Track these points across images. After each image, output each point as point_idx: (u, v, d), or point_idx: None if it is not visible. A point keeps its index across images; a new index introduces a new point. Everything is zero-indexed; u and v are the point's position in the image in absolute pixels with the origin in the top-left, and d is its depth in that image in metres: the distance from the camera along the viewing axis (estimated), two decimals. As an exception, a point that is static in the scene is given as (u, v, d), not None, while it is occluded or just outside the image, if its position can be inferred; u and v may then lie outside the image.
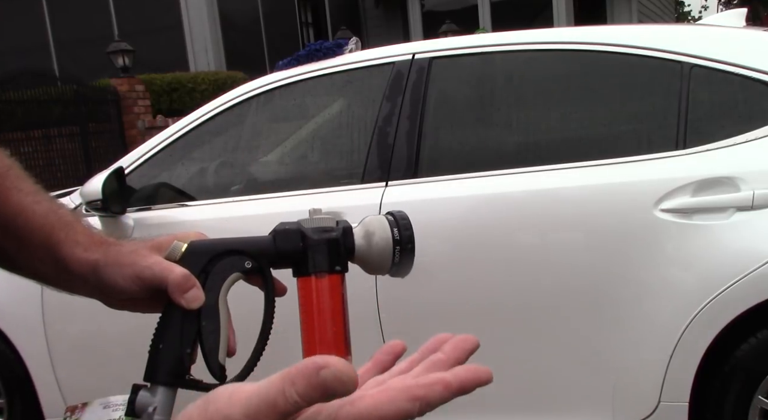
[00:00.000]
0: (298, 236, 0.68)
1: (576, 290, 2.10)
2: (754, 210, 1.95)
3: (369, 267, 0.73)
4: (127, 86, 9.77)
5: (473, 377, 0.46)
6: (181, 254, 0.67)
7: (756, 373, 2.00)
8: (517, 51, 2.37)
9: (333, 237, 0.68)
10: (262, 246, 0.68)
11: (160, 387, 0.64)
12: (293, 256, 0.68)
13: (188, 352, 0.65)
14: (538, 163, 2.18)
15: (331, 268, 0.68)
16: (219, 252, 0.67)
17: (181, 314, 0.65)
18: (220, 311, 0.67)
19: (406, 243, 0.72)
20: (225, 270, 0.67)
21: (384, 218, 0.73)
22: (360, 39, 2.74)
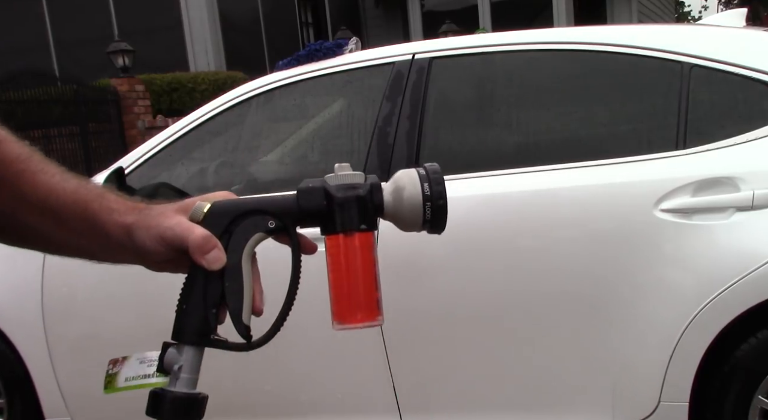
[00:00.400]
0: (321, 194, 0.67)
1: (576, 290, 2.10)
2: (754, 210, 1.95)
3: (401, 224, 0.71)
4: (127, 86, 9.77)
5: None
6: (204, 215, 0.68)
7: (756, 373, 2.00)
8: (517, 51, 2.37)
9: (359, 194, 0.67)
10: (285, 205, 0.68)
11: (186, 346, 0.65)
12: (318, 215, 0.68)
13: (213, 313, 0.66)
14: (538, 163, 2.18)
15: (358, 226, 0.67)
16: (241, 212, 0.67)
17: (204, 275, 0.65)
18: (243, 272, 0.67)
19: (437, 199, 0.69)
20: (248, 230, 0.67)
21: (415, 172, 0.70)
22: (360, 39, 2.74)
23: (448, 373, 2.25)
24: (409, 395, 2.26)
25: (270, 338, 0.69)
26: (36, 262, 2.53)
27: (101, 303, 2.49)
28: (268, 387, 2.39)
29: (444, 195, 0.69)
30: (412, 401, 2.27)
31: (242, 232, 0.67)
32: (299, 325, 2.29)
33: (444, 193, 0.69)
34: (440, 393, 2.28)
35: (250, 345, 0.68)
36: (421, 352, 2.24)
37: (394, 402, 2.26)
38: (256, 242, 0.68)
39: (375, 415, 2.31)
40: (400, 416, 2.27)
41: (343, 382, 2.33)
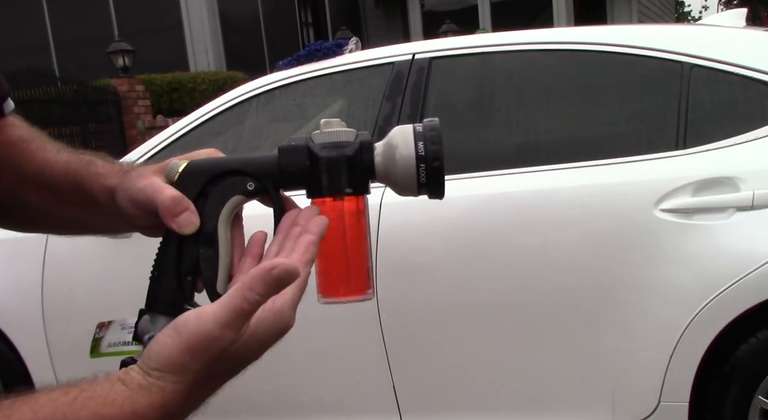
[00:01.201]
0: (304, 153, 0.61)
1: (576, 290, 2.10)
2: (754, 210, 1.95)
3: (395, 187, 0.64)
4: (127, 86, 9.78)
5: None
6: (178, 175, 0.62)
7: (756, 373, 2.00)
8: (517, 51, 2.37)
9: (346, 154, 0.61)
10: (265, 165, 0.62)
11: (158, 315, 0.60)
12: (301, 176, 0.62)
13: (189, 281, 0.61)
14: (538, 163, 2.18)
15: (345, 190, 0.61)
16: (219, 172, 0.62)
17: (178, 240, 0.60)
18: (219, 236, 0.61)
19: (431, 160, 0.62)
20: (225, 192, 0.62)
21: (410, 129, 0.63)
22: (360, 39, 2.74)
23: (448, 373, 2.25)
24: (409, 395, 2.26)
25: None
26: (36, 262, 2.53)
27: (101, 303, 2.49)
28: (268, 387, 2.39)
29: (440, 156, 0.62)
30: (412, 401, 2.27)
31: (219, 194, 0.62)
32: (299, 324, 2.30)
33: (440, 154, 0.62)
34: (440, 393, 2.28)
35: None
36: (421, 352, 2.24)
37: (394, 402, 2.26)
38: (234, 205, 0.62)
39: (375, 415, 2.31)
40: (400, 416, 2.27)
41: (343, 382, 2.33)
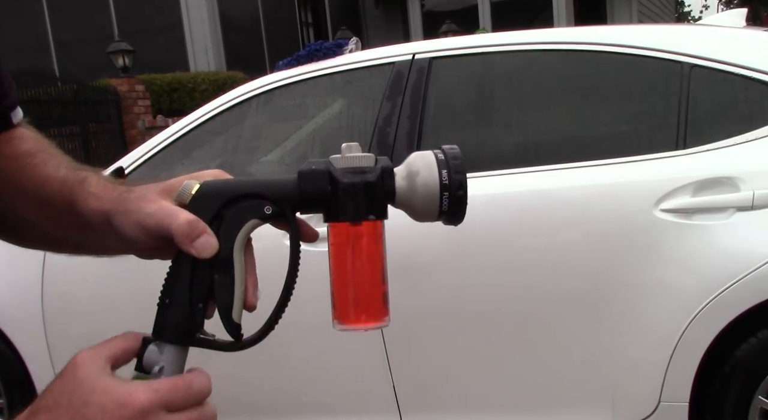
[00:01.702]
0: (325, 178, 0.60)
1: (576, 290, 2.10)
2: (754, 210, 1.95)
3: (414, 214, 0.64)
4: (127, 86, 9.77)
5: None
6: (191, 197, 0.60)
7: (756, 373, 2.00)
8: (517, 51, 2.37)
9: (367, 180, 0.60)
10: (284, 189, 0.61)
11: (168, 345, 0.58)
12: (321, 201, 0.61)
13: (200, 308, 0.59)
14: (538, 163, 2.18)
15: (366, 215, 0.60)
16: (235, 195, 0.60)
17: (191, 265, 0.58)
18: (235, 262, 0.60)
19: (455, 189, 0.62)
20: (242, 216, 0.60)
21: (432, 157, 0.63)
22: (360, 39, 2.74)
23: (448, 373, 2.25)
24: (409, 395, 2.26)
25: (262, 337, 0.62)
26: (36, 262, 2.53)
27: (101, 303, 2.49)
28: (268, 387, 2.39)
29: (464, 185, 0.62)
30: (412, 401, 2.27)
31: (235, 218, 0.60)
32: (299, 324, 2.30)
33: (464, 183, 0.62)
34: (440, 393, 2.28)
35: (239, 345, 0.61)
36: (421, 352, 2.24)
37: (394, 402, 2.26)
38: (250, 229, 0.61)
39: (375, 415, 2.31)
40: (400, 416, 2.27)
41: (343, 382, 2.33)
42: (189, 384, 0.56)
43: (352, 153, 0.61)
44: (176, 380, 0.56)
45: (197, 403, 0.56)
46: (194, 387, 0.56)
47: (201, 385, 0.57)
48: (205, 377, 0.57)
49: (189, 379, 0.57)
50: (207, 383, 0.57)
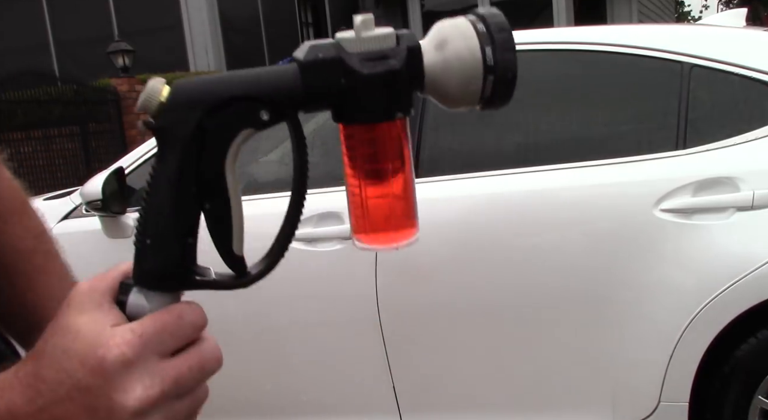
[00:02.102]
0: (338, 69, 0.47)
1: (576, 290, 2.10)
2: (754, 210, 1.95)
3: (445, 101, 0.52)
4: (127, 86, 9.78)
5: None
6: (160, 106, 0.46)
7: (756, 373, 2.00)
8: (517, 51, 2.37)
9: (392, 68, 0.48)
10: (284, 87, 0.48)
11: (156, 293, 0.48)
12: (331, 98, 0.49)
13: (191, 243, 0.48)
14: (538, 163, 2.18)
15: (391, 114, 0.49)
16: (221, 100, 0.47)
17: (173, 194, 0.47)
18: (228, 183, 0.48)
19: (504, 70, 0.50)
20: (231, 126, 0.47)
21: (469, 28, 0.49)
22: (360, 39, 2.73)
23: (448, 373, 2.25)
24: (409, 395, 2.26)
25: (272, 268, 0.51)
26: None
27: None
28: (268, 387, 2.39)
29: (514, 65, 0.50)
30: (412, 401, 2.27)
31: (224, 129, 0.47)
32: (299, 324, 2.30)
33: (514, 62, 0.50)
34: (440, 393, 2.28)
35: (246, 280, 0.50)
36: (421, 352, 2.24)
37: (394, 402, 2.26)
38: (242, 142, 0.48)
39: (375, 415, 2.31)
40: (400, 416, 2.27)
41: (343, 382, 2.33)
42: (178, 315, 0.46)
43: (368, 31, 0.48)
44: (161, 315, 0.46)
45: (192, 338, 0.46)
46: (186, 318, 0.46)
47: (194, 316, 0.47)
48: (197, 306, 0.47)
49: (178, 310, 0.46)
50: (200, 312, 0.47)
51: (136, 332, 0.44)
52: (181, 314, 0.46)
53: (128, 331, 0.44)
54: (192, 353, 0.46)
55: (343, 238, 2.18)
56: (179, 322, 0.45)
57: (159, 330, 0.44)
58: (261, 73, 0.48)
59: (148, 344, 0.44)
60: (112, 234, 2.47)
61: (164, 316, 0.45)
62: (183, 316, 0.46)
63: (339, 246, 2.18)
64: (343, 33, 0.49)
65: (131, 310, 0.47)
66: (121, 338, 0.43)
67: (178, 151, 0.46)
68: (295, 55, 0.49)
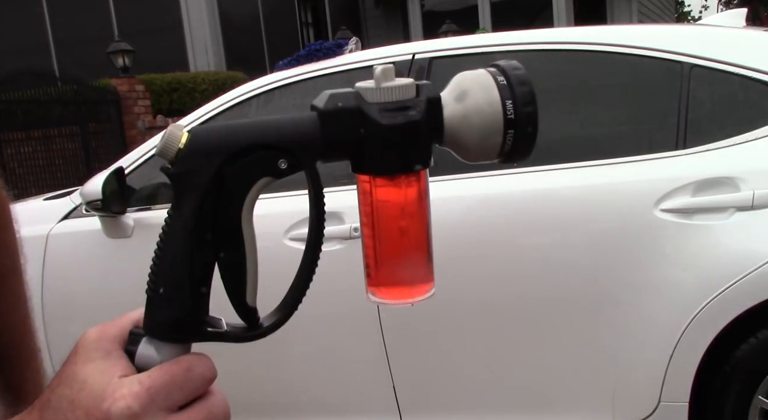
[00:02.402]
0: (357, 119, 0.47)
1: (576, 290, 2.10)
2: (754, 210, 1.95)
3: (465, 154, 0.52)
4: (127, 86, 9.78)
5: None
6: (178, 151, 0.45)
7: (756, 373, 2.00)
8: (517, 51, 2.37)
9: (412, 119, 0.47)
10: (303, 136, 0.47)
11: (167, 344, 0.46)
12: (349, 149, 0.48)
13: (204, 293, 0.47)
14: (538, 163, 2.18)
15: (410, 166, 0.48)
16: (240, 148, 0.46)
17: (188, 242, 0.45)
18: (244, 233, 0.47)
19: (524, 125, 0.49)
20: (249, 174, 0.46)
21: (490, 81, 0.48)
22: (360, 39, 2.74)
23: (448, 373, 2.25)
24: (409, 395, 2.26)
25: (284, 321, 0.50)
26: (36, 262, 2.53)
27: (101, 303, 2.49)
28: (269, 387, 2.39)
29: (535, 119, 0.49)
30: (412, 401, 2.27)
31: (242, 178, 0.46)
32: (299, 324, 2.30)
33: (535, 117, 0.49)
34: (440, 393, 2.28)
35: (258, 333, 0.49)
36: (421, 352, 2.24)
37: (394, 402, 2.26)
38: (260, 190, 0.47)
39: (375, 415, 2.31)
40: (400, 416, 2.27)
41: (344, 382, 2.33)
42: (187, 368, 0.44)
43: (388, 82, 0.47)
44: (170, 367, 0.44)
45: (200, 391, 0.45)
46: (195, 371, 0.45)
47: (203, 369, 0.45)
48: (206, 359, 0.46)
49: (187, 363, 0.45)
50: (210, 365, 0.46)
51: (144, 384, 0.43)
52: (191, 367, 0.45)
53: (136, 382, 0.43)
54: (199, 408, 0.44)
55: (343, 238, 2.18)
56: (188, 375, 0.44)
57: (167, 383, 0.43)
58: (281, 121, 0.48)
59: (156, 397, 0.43)
60: (112, 234, 2.47)
61: (173, 368, 0.44)
62: (192, 369, 0.44)
63: (339, 246, 2.18)
64: (363, 83, 0.48)
65: (140, 360, 0.46)
66: (128, 390, 0.42)
67: (195, 198, 0.46)
68: (314, 104, 0.49)
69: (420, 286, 0.52)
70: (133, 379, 0.43)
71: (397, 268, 0.52)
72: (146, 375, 0.43)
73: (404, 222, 0.50)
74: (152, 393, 0.42)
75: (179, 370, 0.44)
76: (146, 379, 0.43)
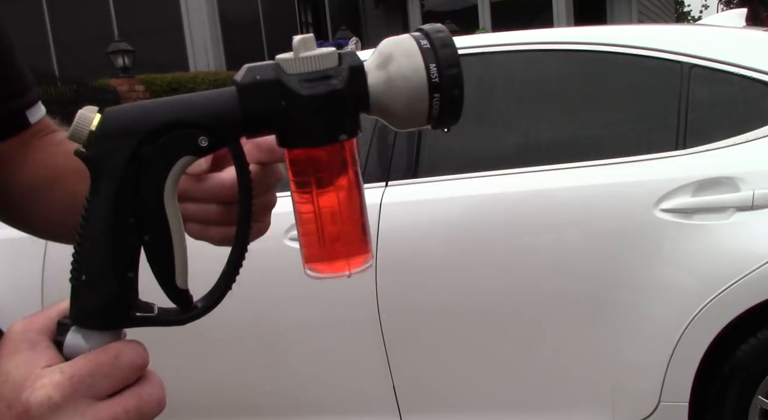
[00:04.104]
0: (276, 90, 0.46)
1: (576, 290, 2.10)
2: (754, 210, 1.95)
3: (394, 122, 0.51)
4: (127, 86, 9.79)
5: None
6: (90, 134, 0.44)
7: (756, 373, 2.00)
8: (517, 51, 2.37)
9: (334, 88, 0.46)
10: (221, 110, 0.46)
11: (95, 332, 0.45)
12: (271, 121, 0.47)
13: (130, 278, 0.45)
14: (538, 163, 2.18)
15: (335, 136, 0.47)
16: (157, 126, 0.44)
17: (109, 224, 0.44)
18: (168, 214, 0.46)
19: (449, 88, 0.48)
20: (169, 153, 0.45)
21: (413, 45, 0.48)
22: (360, 39, 2.74)
23: (448, 373, 2.25)
24: (409, 395, 2.26)
25: (217, 302, 0.48)
26: (36, 262, 2.53)
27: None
28: (268, 387, 2.39)
29: (460, 81, 0.48)
30: (412, 401, 2.27)
31: (161, 157, 0.44)
32: (299, 324, 2.30)
33: (460, 79, 0.48)
34: (440, 393, 2.28)
35: (190, 315, 0.48)
36: (421, 352, 2.24)
37: (394, 402, 2.26)
38: (182, 169, 0.46)
39: (375, 415, 2.31)
40: (400, 416, 2.27)
41: (343, 382, 2.33)
42: (115, 355, 0.43)
43: (307, 51, 0.46)
44: (96, 355, 0.43)
45: (130, 379, 0.43)
46: (123, 358, 0.43)
47: (133, 355, 0.44)
48: (137, 345, 0.44)
49: (115, 350, 0.43)
50: (140, 351, 0.44)
51: (66, 373, 0.41)
52: (118, 354, 0.43)
53: (57, 372, 0.41)
54: (129, 395, 0.43)
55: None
56: (115, 362, 0.43)
57: (92, 370, 0.42)
58: (197, 97, 0.47)
59: (79, 386, 0.41)
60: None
61: (99, 355, 0.43)
62: (120, 356, 0.43)
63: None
64: (283, 55, 0.48)
65: (68, 351, 0.44)
66: (48, 380, 0.41)
67: (113, 181, 0.44)
68: (234, 78, 0.47)
69: (358, 257, 0.51)
70: (55, 369, 0.42)
71: (331, 241, 0.50)
72: (69, 364, 0.42)
73: (335, 193, 0.49)
74: (74, 382, 0.41)
75: (106, 358, 0.43)
76: (68, 368, 0.42)
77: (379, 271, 2.15)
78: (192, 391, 2.37)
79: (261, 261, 0.59)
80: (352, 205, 0.50)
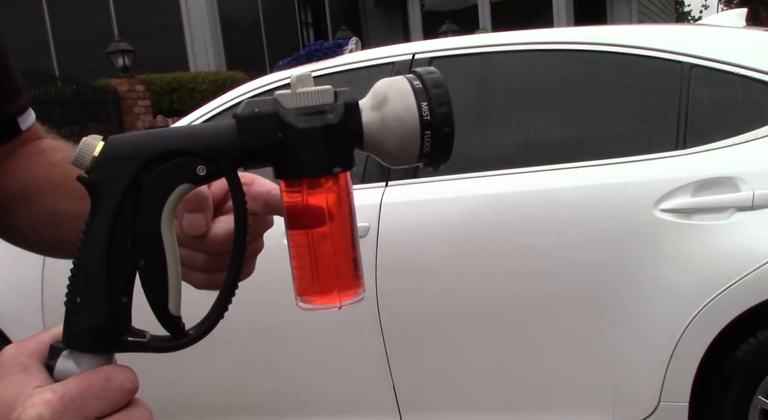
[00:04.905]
0: (274, 123, 0.48)
1: (576, 290, 2.10)
2: (754, 210, 1.95)
3: (387, 159, 0.52)
4: (127, 86, 9.79)
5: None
6: (94, 160, 0.45)
7: (756, 373, 2.00)
8: (517, 51, 2.37)
9: (329, 122, 0.48)
10: (221, 141, 0.48)
11: (86, 355, 0.46)
12: (268, 153, 0.48)
13: (124, 302, 0.46)
14: (537, 163, 2.18)
15: (329, 169, 0.49)
16: (157, 154, 0.46)
17: (105, 249, 0.45)
18: (164, 240, 0.47)
19: (440, 126, 0.50)
20: (167, 181, 0.46)
21: (406, 85, 0.50)
22: (360, 39, 2.74)
23: (448, 373, 2.25)
24: (409, 395, 2.26)
25: (209, 330, 0.49)
26: (36, 262, 2.53)
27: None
28: (269, 387, 2.39)
29: (450, 120, 0.50)
30: (412, 401, 2.27)
31: (159, 184, 0.46)
32: (299, 324, 2.30)
33: (451, 117, 0.50)
34: (440, 393, 2.28)
35: (182, 342, 0.48)
36: (421, 352, 2.24)
37: (394, 402, 2.26)
38: (180, 197, 0.47)
39: (375, 415, 2.31)
40: (400, 416, 2.27)
41: (344, 382, 2.33)
42: (105, 378, 0.43)
43: (304, 87, 0.48)
44: (87, 376, 0.43)
45: (120, 402, 0.44)
46: (114, 381, 0.43)
47: (123, 379, 0.44)
48: (128, 370, 0.45)
49: (105, 372, 0.44)
50: (131, 376, 0.45)
51: (57, 392, 0.41)
52: (109, 376, 0.43)
53: (48, 391, 0.42)
54: (119, 417, 0.43)
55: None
56: (105, 384, 0.43)
57: (82, 391, 0.42)
58: (198, 128, 0.49)
59: (69, 406, 0.41)
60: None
61: (90, 377, 0.43)
62: (110, 379, 0.43)
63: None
64: (281, 91, 0.49)
65: (59, 374, 0.44)
66: (39, 399, 0.41)
67: (112, 205, 0.45)
68: (234, 112, 0.49)
69: (350, 289, 0.53)
70: (46, 388, 0.42)
71: (324, 275, 0.52)
72: (61, 384, 0.42)
73: (327, 227, 0.51)
74: (65, 401, 0.41)
75: (96, 380, 0.43)
76: (60, 388, 0.42)
77: (380, 271, 2.15)
78: (192, 391, 2.37)
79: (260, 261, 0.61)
80: (345, 240, 0.52)
